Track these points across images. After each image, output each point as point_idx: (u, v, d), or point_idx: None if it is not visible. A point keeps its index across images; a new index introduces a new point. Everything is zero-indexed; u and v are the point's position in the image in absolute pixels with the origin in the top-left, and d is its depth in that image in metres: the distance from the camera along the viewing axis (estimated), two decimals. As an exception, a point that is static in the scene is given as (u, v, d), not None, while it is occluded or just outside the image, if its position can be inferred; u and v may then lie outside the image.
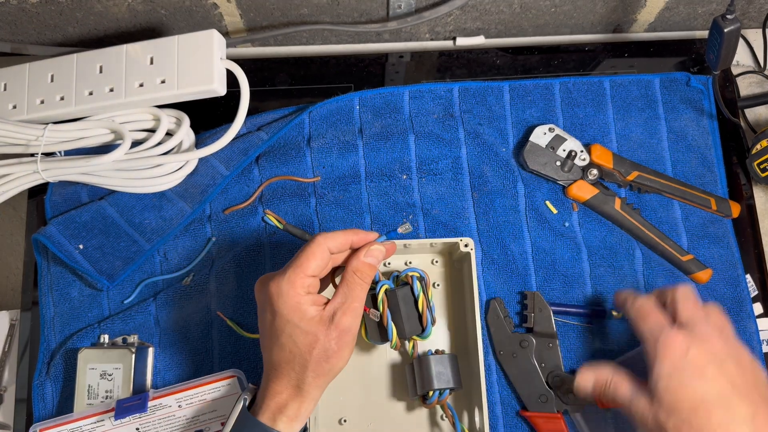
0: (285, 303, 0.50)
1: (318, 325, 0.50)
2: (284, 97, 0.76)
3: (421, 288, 0.58)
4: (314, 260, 0.51)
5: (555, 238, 0.68)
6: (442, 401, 0.59)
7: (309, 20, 0.76)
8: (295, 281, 0.51)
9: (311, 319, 0.50)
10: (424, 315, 0.57)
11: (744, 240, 0.71)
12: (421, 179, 0.70)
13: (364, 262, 0.53)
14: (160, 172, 0.67)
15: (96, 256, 0.66)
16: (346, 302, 0.52)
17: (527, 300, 0.66)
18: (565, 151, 0.70)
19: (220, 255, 0.68)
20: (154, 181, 0.67)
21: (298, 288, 0.51)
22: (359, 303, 0.52)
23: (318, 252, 0.52)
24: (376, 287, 0.57)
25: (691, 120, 0.73)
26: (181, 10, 0.73)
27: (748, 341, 0.67)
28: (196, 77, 0.66)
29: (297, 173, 0.70)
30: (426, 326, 0.57)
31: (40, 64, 0.70)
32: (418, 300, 0.58)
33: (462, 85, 0.73)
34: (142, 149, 0.68)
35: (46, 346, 0.66)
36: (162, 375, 0.65)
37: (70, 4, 0.70)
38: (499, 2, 0.74)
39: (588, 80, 0.74)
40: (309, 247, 0.52)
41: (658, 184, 0.70)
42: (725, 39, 0.65)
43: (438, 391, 0.58)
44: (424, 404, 0.59)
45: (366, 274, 0.53)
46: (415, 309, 0.58)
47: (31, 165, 0.67)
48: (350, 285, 0.52)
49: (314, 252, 0.51)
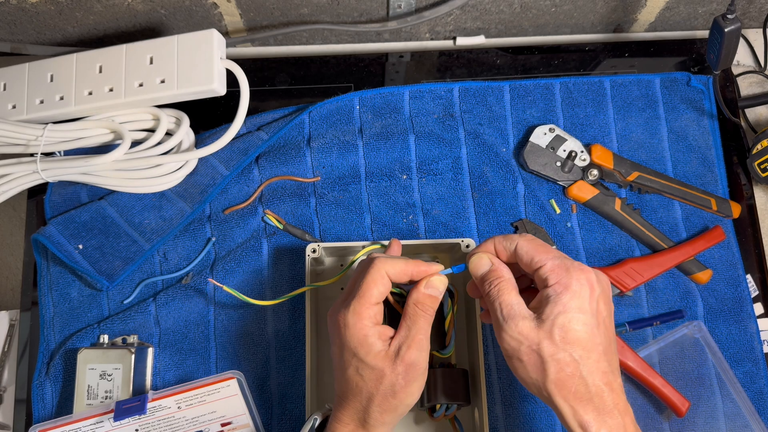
0: (352, 336, 0.49)
1: (384, 360, 0.49)
2: (284, 97, 0.76)
3: (450, 307, 0.57)
4: (376, 287, 0.50)
5: (555, 238, 0.68)
6: (449, 415, 0.59)
7: (309, 20, 0.76)
8: (361, 312, 0.50)
9: (377, 353, 0.49)
10: (449, 334, 0.57)
11: (744, 240, 0.71)
12: (421, 179, 0.70)
13: (426, 294, 0.51)
14: (159, 172, 0.67)
15: (96, 256, 0.66)
16: (410, 335, 0.50)
17: (519, 230, 0.68)
18: (566, 152, 0.70)
19: (220, 255, 0.68)
20: (154, 181, 0.67)
21: (364, 320, 0.49)
22: (424, 335, 0.50)
23: (379, 278, 0.50)
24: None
25: (692, 120, 0.73)
26: (181, 10, 0.73)
27: (748, 341, 0.67)
28: (195, 77, 0.66)
29: (297, 173, 0.70)
30: (448, 345, 0.57)
31: (40, 63, 0.70)
32: (446, 318, 0.57)
33: (462, 85, 0.73)
34: (142, 149, 0.68)
35: (46, 346, 0.66)
36: (162, 375, 0.65)
37: (70, 4, 0.70)
38: (499, 2, 0.74)
39: (588, 80, 0.74)
40: (369, 274, 0.50)
41: (658, 185, 0.70)
42: (726, 39, 0.65)
43: (445, 405, 0.58)
44: (431, 417, 0.59)
45: (427, 306, 0.51)
46: (441, 325, 0.57)
47: (30, 165, 0.67)
48: (413, 318, 0.50)
49: (375, 279, 0.50)
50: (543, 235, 0.68)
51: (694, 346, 0.66)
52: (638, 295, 0.67)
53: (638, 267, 0.67)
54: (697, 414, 0.64)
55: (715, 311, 0.67)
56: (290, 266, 0.67)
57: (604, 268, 0.67)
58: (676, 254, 0.67)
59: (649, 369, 0.63)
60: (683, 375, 0.65)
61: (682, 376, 0.65)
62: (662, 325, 0.67)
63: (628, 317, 0.67)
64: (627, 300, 0.67)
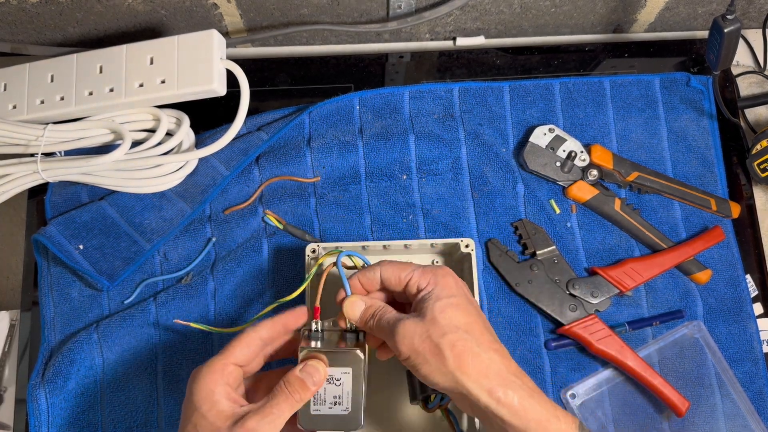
0: (198, 388, 0.47)
1: (224, 420, 0.46)
2: (284, 97, 0.76)
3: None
4: (240, 348, 0.49)
5: (555, 238, 0.68)
6: (444, 405, 0.59)
7: (309, 20, 0.76)
8: (214, 366, 0.48)
9: (220, 412, 0.46)
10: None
11: (744, 240, 0.71)
12: (421, 179, 0.70)
13: (297, 377, 0.49)
14: (160, 172, 0.67)
15: (96, 257, 0.66)
16: (264, 408, 0.47)
17: (519, 230, 0.68)
18: (565, 152, 0.70)
19: (220, 255, 0.68)
20: (154, 181, 0.67)
21: (216, 375, 0.48)
22: (278, 415, 0.47)
23: (245, 339, 0.49)
24: None
25: (691, 120, 0.73)
26: (181, 10, 0.73)
27: (748, 341, 0.67)
28: (196, 77, 0.66)
29: (297, 173, 0.70)
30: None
31: (40, 64, 0.70)
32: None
33: (462, 86, 0.73)
34: (142, 149, 0.68)
35: (47, 346, 0.66)
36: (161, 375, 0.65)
37: (70, 4, 0.70)
38: (499, 2, 0.74)
39: (588, 80, 0.74)
40: (237, 338, 0.50)
41: (658, 185, 0.70)
42: (725, 39, 0.65)
43: (440, 395, 0.58)
44: (425, 408, 0.59)
45: (296, 389, 0.48)
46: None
47: (31, 165, 0.67)
48: (275, 393, 0.48)
49: (241, 339, 0.49)
50: (542, 235, 0.68)
51: (693, 346, 0.66)
52: (638, 295, 0.68)
53: (638, 267, 0.67)
54: (696, 414, 0.64)
55: (715, 311, 0.67)
56: (290, 266, 0.67)
57: (603, 268, 0.67)
58: (675, 254, 0.67)
59: (649, 369, 0.63)
60: (683, 375, 0.65)
61: (681, 376, 0.65)
62: (662, 325, 0.67)
63: (628, 317, 0.67)
64: (627, 300, 0.67)
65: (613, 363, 0.64)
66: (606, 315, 0.66)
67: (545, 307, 0.66)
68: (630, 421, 0.64)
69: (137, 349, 0.65)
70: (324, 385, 0.51)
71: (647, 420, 0.64)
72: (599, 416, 0.64)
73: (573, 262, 0.68)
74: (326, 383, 0.51)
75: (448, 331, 0.48)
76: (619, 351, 0.63)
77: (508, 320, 0.66)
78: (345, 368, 0.51)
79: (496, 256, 0.67)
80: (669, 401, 0.63)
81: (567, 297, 0.66)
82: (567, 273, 0.67)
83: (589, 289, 0.66)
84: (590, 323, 0.65)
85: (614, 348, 0.64)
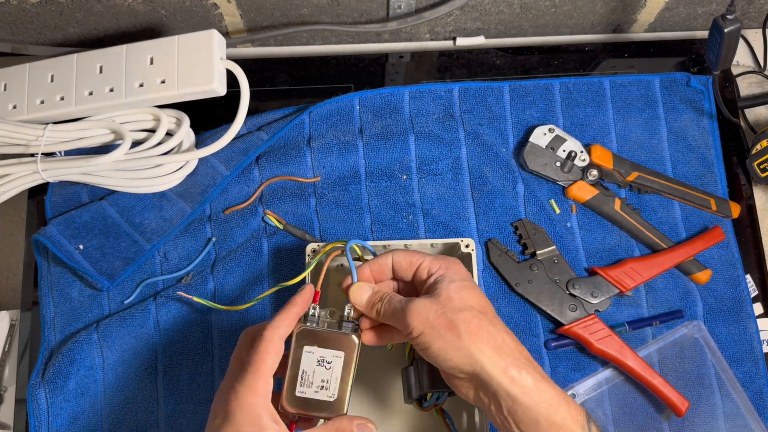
0: (243, 411, 0.45)
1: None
2: (284, 97, 0.76)
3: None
4: (270, 358, 0.47)
5: (555, 239, 0.68)
6: (439, 405, 0.59)
7: (309, 20, 0.76)
8: (256, 387, 0.46)
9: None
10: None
11: (744, 240, 0.71)
12: (421, 179, 0.70)
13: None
14: (160, 172, 0.67)
15: (96, 257, 0.66)
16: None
17: (519, 230, 0.68)
18: (565, 152, 0.70)
19: (220, 255, 0.68)
20: (154, 181, 0.67)
21: (259, 397, 0.46)
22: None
23: (272, 347, 0.47)
24: None
25: (691, 120, 0.73)
26: (181, 10, 0.73)
27: (748, 341, 0.67)
28: (196, 77, 0.66)
29: (297, 173, 0.70)
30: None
31: (40, 64, 0.70)
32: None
33: (462, 86, 0.73)
34: (142, 149, 0.68)
35: (47, 346, 0.66)
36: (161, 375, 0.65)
37: (71, 4, 0.70)
38: (499, 2, 0.74)
39: (588, 80, 0.74)
40: (262, 344, 0.47)
41: (658, 185, 0.70)
42: (725, 39, 0.65)
43: (436, 395, 0.58)
44: (420, 408, 0.59)
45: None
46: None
47: (31, 165, 0.67)
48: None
49: (268, 349, 0.47)
50: (542, 235, 0.68)
51: (693, 346, 0.66)
52: (638, 295, 0.68)
53: (638, 267, 0.67)
54: (696, 414, 0.64)
55: (715, 311, 0.67)
56: (290, 266, 0.67)
57: (603, 268, 0.67)
58: (675, 254, 0.67)
59: (649, 369, 0.63)
60: (683, 375, 0.65)
61: (681, 376, 0.65)
62: (662, 325, 0.67)
63: (628, 317, 0.67)
64: (626, 300, 0.67)
65: (613, 363, 0.64)
66: (606, 315, 0.66)
67: (545, 307, 0.66)
68: (630, 420, 0.64)
69: (137, 349, 0.65)
70: (314, 366, 0.50)
71: (647, 420, 0.64)
72: (599, 416, 0.64)
73: (573, 262, 0.68)
74: (316, 365, 0.50)
75: (463, 308, 0.48)
76: (619, 351, 0.64)
77: (508, 320, 0.66)
78: (338, 351, 0.50)
79: (496, 256, 0.67)
80: (669, 401, 0.63)
81: (567, 297, 0.66)
82: (567, 273, 0.67)
83: (589, 289, 0.66)
84: (590, 323, 0.65)
85: (614, 348, 0.64)
